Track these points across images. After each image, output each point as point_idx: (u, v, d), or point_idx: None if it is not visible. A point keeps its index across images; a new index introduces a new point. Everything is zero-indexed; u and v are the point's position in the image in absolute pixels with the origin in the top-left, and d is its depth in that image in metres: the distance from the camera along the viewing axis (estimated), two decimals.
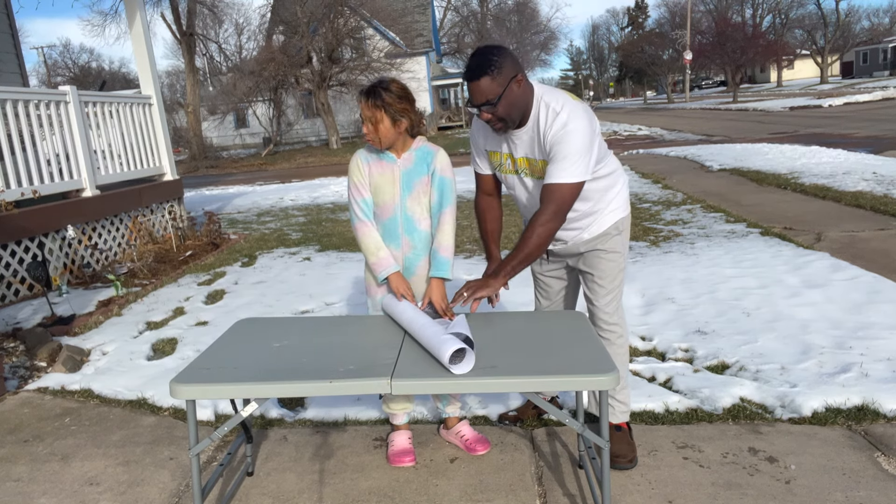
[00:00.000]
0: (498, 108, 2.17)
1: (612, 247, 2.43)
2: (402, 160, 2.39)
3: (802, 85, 49.99)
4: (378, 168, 2.39)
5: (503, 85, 2.14)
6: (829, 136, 14.19)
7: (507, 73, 2.14)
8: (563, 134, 2.16)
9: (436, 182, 2.41)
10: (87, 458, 2.74)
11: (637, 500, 2.22)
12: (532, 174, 2.35)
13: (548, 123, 2.20)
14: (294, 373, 1.91)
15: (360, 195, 2.40)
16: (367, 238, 2.38)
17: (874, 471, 2.28)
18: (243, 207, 10.94)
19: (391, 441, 2.60)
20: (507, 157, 2.39)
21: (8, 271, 5.07)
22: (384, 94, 2.26)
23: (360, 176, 2.40)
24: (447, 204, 2.41)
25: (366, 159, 2.41)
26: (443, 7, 48.67)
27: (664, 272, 4.91)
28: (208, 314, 4.67)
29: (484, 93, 2.14)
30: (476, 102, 2.18)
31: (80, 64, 57.14)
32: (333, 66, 26.34)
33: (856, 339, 3.37)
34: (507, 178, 2.45)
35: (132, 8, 7.05)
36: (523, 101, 2.21)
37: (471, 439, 2.59)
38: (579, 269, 2.52)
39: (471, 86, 2.17)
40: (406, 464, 2.51)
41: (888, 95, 25.44)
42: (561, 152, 2.16)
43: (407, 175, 2.39)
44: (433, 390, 1.88)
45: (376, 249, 2.37)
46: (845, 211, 6.57)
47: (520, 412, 2.83)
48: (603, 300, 2.46)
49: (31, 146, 5.43)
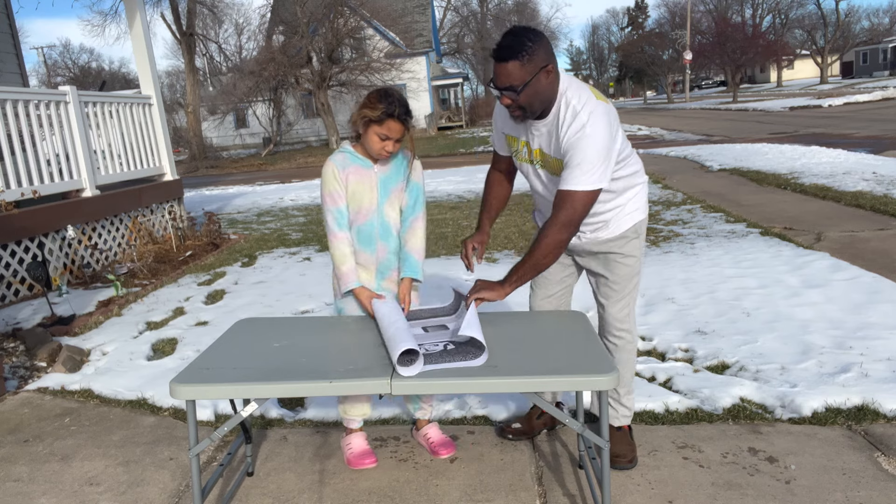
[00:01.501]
0: (521, 96, 2.05)
1: (630, 251, 2.34)
2: (379, 166, 2.38)
3: (802, 85, 50.00)
4: (356, 175, 2.35)
5: (532, 73, 2.01)
6: (828, 136, 14.19)
7: (539, 61, 2.01)
8: (579, 138, 2.05)
9: (410, 188, 2.43)
10: (87, 458, 2.74)
11: (637, 500, 2.22)
12: (545, 167, 2.27)
13: (566, 123, 2.08)
14: (294, 373, 1.91)
15: (336, 204, 2.35)
16: (338, 250, 2.36)
17: (874, 471, 2.28)
18: (243, 207, 10.94)
19: (349, 444, 2.58)
20: (524, 144, 2.30)
21: (8, 271, 5.07)
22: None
23: (337, 185, 2.34)
24: (420, 209, 2.45)
25: (342, 167, 2.34)
26: (443, 7, 48.72)
27: (664, 272, 4.91)
28: (208, 314, 4.67)
29: (510, 77, 2.02)
30: (499, 85, 2.06)
31: (80, 64, 57.19)
32: (333, 66, 26.35)
33: (856, 339, 3.37)
34: (523, 167, 2.36)
35: (132, 8, 7.05)
36: (548, 94, 2.09)
37: (435, 442, 2.60)
38: (591, 269, 2.44)
39: (497, 66, 2.04)
40: (368, 465, 2.51)
41: (888, 95, 25.44)
42: (576, 158, 2.06)
43: (385, 181, 2.39)
44: (433, 390, 1.88)
45: (342, 262, 2.36)
46: (845, 211, 6.57)
47: (525, 426, 2.67)
48: (616, 305, 2.39)
49: (31, 146, 5.42)
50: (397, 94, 2.27)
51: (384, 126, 2.23)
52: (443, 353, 1.98)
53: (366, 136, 2.27)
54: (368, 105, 2.23)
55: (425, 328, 2.28)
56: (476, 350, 1.99)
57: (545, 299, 2.56)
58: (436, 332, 2.24)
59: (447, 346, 2.05)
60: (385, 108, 2.20)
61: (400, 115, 2.22)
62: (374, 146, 2.27)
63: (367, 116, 2.22)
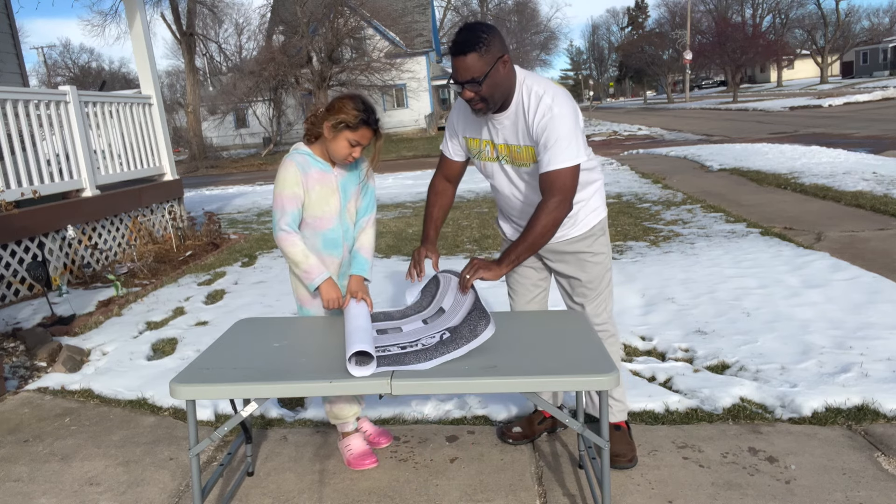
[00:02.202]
0: (483, 86, 2.10)
1: (599, 248, 2.40)
2: (338, 170, 2.39)
3: (802, 85, 49.99)
4: (317, 179, 2.34)
5: (490, 64, 2.07)
6: (829, 136, 14.19)
7: (495, 52, 2.08)
8: (550, 118, 2.11)
9: (365, 189, 2.49)
10: (87, 458, 2.74)
11: (637, 500, 2.22)
12: (513, 162, 2.30)
13: (531, 108, 2.15)
14: (294, 373, 1.91)
15: (295, 207, 2.31)
16: (296, 247, 2.31)
17: (874, 471, 2.28)
18: (243, 207, 10.95)
19: (348, 446, 2.56)
20: (486, 143, 2.34)
21: (8, 271, 5.07)
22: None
23: (298, 188, 2.31)
24: (373, 209, 2.52)
25: (303, 170, 2.31)
26: (443, 7, 48.74)
27: (664, 272, 4.91)
28: (208, 314, 4.67)
29: (470, 70, 2.07)
30: (461, 79, 2.11)
31: (80, 64, 57.20)
32: (333, 66, 26.37)
33: (856, 339, 3.37)
34: (487, 166, 2.39)
35: (132, 8, 7.05)
36: (507, 83, 2.15)
37: (372, 434, 2.65)
38: (562, 273, 2.46)
39: (456, 61, 2.09)
40: (369, 465, 2.51)
41: (888, 95, 25.45)
42: (552, 137, 2.11)
43: (344, 185, 2.41)
44: (433, 390, 1.88)
45: (305, 258, 2.32)
46: (845, 211, 6.57)
47: (526, 430, 2.66)
48: (592, 303, 2.43)
49: (31, 146, 5.43)
50: (369, 101, 2.33)
51: (358, 132, 2.25)
52: (438, 346, 1.98)
53: (334, 140, 2.27)
54: (343, 110, 2.23)
55: (399, 327, 2.27)
56: (476, 325, 1.97)
57: (526, 305, 2.60)
58: (413, 324, 2.22)
59: (443, 336, 2.04)
60: (362, 114, 2.23)
61: (373, 122, 2.27)
62: (341, 151, 2.29)
63: (344, 121, 2.23)
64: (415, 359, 1.92)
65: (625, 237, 6.21)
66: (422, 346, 2.01)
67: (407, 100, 33.59)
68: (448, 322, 2.12)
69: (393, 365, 1.90)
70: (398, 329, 2.22)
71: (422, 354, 1.95)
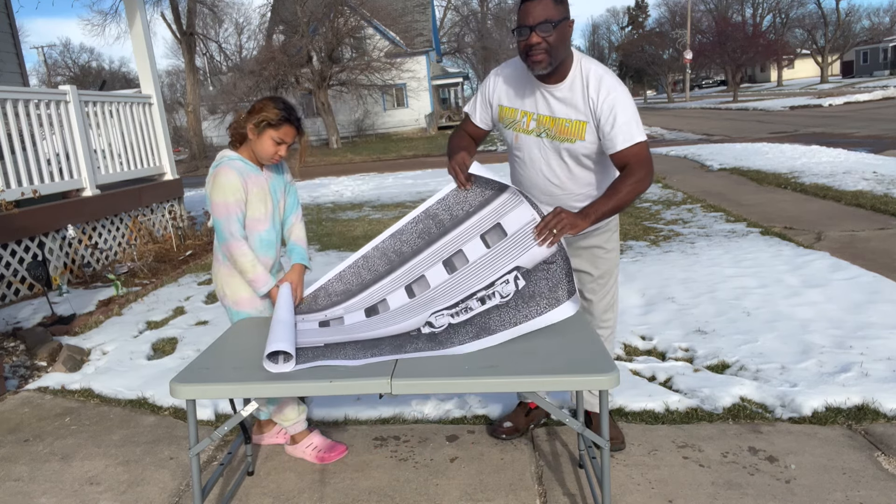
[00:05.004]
0: (555, 32, 2.03)
1: (612, 245, 2.44)
2: (267, 172, 2.45)
3: (802, 84, 49.99)
4: (253, 183, 2.38)
5: (563, 14, 2.05)
6: (829, 136, 14.19)
7: (567, 8, 2.08)
8: (616, 97, 2.11)
9: (289, 189, 2.58)
10: (88, 457, 2.74)
11: (637, 499, 2.22)
12: (556, 136, 2.22)
13: (594, 85, 2.13)
14: (294, 373, 1.91)
15: (239, 213, 2.34)
16: (246, 256, 2.35)
17: (874, 470, 2.28)
18: None
19: (311, 444, 2.58)
20: (525, 114, 2.26)
21: (8, 271, 5.08)
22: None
23: (241, 194, 2.33)
24: (298, 207, 2.63)
25: (241, 175, 2.34)
26: (443, 7, 48.69)
27: (664, 272, 4.91)
28: (208, 314, 4.67)
29: (547, 10, 2.01)
30: (533, 21, 2.01)
31: (80, 63, 57.14)
32: (333, 65, 26.37)
33: (856, 338, 3.37)
34: (521, 138, 2.30)
35: (132, 7, 7.05)
36: (568, 48, 2.12)
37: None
38: (573, 268, 2.45)
39: (530, 5, 2.02)
40: (342, 454, 2.57)
41: (888, 95, 25.43)
42: (623, 115, 2.10)
43: (273, 186, 2.47)
44: (433, 390, 1.88)
45: (253, 267, 2.36)
46: (845, 210, 6.57)
47: (515, 423, 2.69)
48: (604, 299, 2.46)
49: (31, 146, 5.43)
50: (289, 101, 2.39)
51: (281, 130, 2.30)
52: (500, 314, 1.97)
53: (259, 140, 2.31)
54: (265, 110, 2.29)
55: (324, 322, 2.25)
56: (556, 286, 1.96)
57: None
58: (394, 295, 2.20)
59: (517, 281, 1.96)
60: (283, 112, 2.29)
61: (295, 119, 2.32)
62: (267, 150, 2.32)
63: (266, 120, 2.27)
64: (464, 335, 1.95)
65: (625, 237, 6.21)
66: (472, 307, 1.99)
67: (407, 99, 33.57)
68: (491, 274, 2.00)
69: (427, 349, 1.94)
70: (340, 320, 2.22)
71: (466, 330, 1.98)
